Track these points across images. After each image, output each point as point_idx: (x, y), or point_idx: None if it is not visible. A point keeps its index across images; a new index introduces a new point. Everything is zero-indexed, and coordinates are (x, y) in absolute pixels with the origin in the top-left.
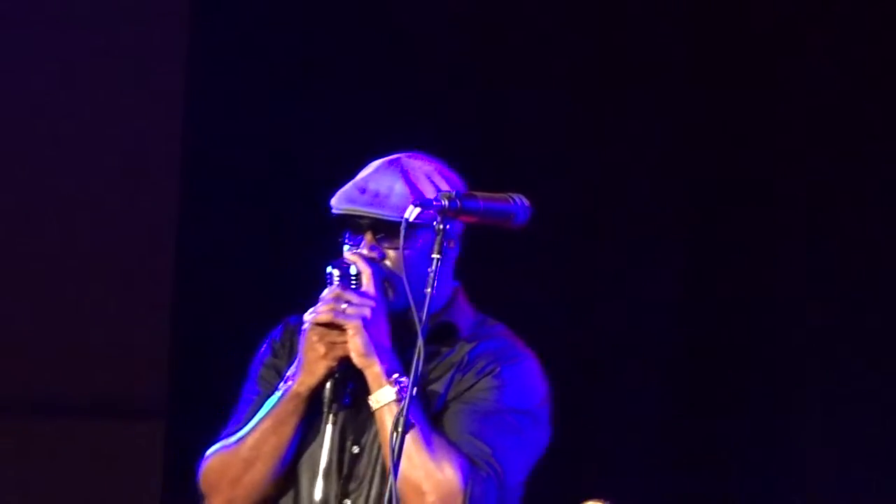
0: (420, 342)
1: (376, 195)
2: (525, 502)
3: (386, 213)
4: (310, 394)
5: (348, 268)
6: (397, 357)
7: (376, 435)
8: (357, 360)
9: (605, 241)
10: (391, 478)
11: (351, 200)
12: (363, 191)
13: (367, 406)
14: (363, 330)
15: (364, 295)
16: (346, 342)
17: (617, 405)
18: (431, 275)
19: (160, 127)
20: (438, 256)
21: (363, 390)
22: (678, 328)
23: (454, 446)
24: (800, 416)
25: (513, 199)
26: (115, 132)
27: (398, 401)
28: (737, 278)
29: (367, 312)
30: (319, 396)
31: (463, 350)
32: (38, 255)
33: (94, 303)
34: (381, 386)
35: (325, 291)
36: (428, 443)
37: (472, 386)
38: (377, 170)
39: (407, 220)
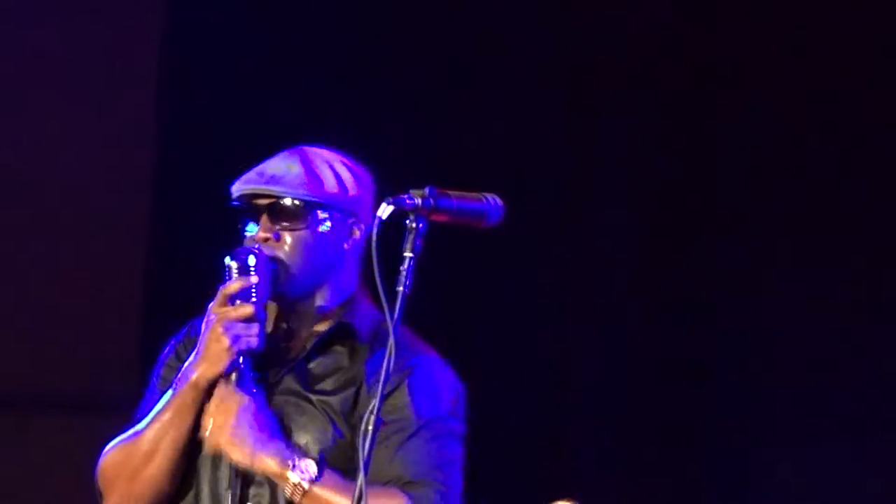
0: (391, 341)
1: (272, 176)
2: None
3: (279, 189)
4: (209, 385)
5: (247, 258)
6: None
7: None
8: (247, 466)
9: (572, 237)
10: (360, 475)
11: (247, 182)
12: (260, 174)
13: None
14: (236, 435)
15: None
16: (251, 335)
17: (586, 405)
18: (403, 273)
19: (133, 120)
20: (411, 255)
21: (266, 379)
22: (645, 324)
23: (388, 486)
24: (770, 418)
25: (486, 198)
26: (87, 127)
27: (309, 479)
28: (707, 273)
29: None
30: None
31: (360, 360)
32: (7, 250)
33: (63, 300)
34: (283, 479)
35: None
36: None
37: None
38: (277, 156)
39: (380, 218)
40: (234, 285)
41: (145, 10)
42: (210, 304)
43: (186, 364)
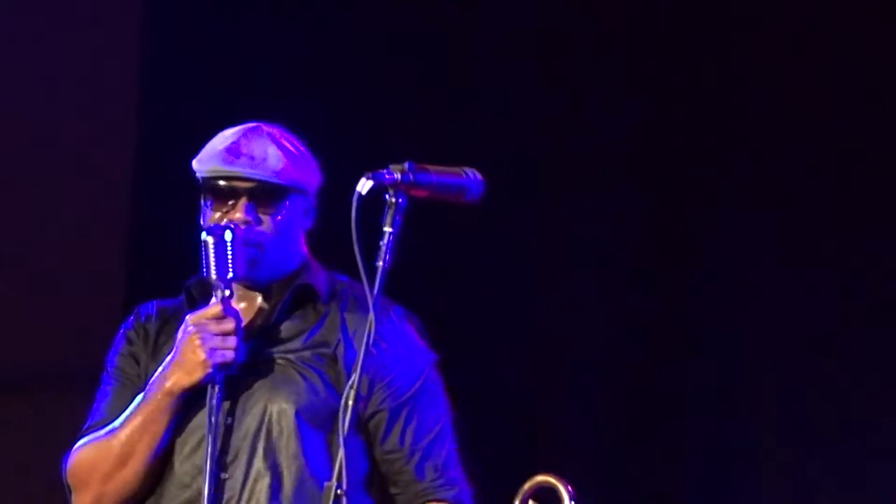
0: (371, 316)
1: (252, 158)
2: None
3: (266, 175)
4: (182, 393)
5: (223, 233)
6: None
7: (248, 408)
8: None
9: (564, 220)
10: (340, 451)
11: (227, 163)
12: (237, 154)
13: (239, 383)
14: None
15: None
16: (228, 348)
17: (571, 385)
18: (382, 248)
19: (114, 120)
20: (391, 230)
21: (240, 376)
22: (630, 307)
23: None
24: (753, 409)
25: (465, 172)
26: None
27: None
28: (691, 256)
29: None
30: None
31: (328, 322)
32: None
33: (48, 279)
34: None
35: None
36: None
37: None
38: (243, 135)
39: (360, 193)
40: (216, 309)
41: (126, 13)
42: (188, 316)
43: (161, 369)
